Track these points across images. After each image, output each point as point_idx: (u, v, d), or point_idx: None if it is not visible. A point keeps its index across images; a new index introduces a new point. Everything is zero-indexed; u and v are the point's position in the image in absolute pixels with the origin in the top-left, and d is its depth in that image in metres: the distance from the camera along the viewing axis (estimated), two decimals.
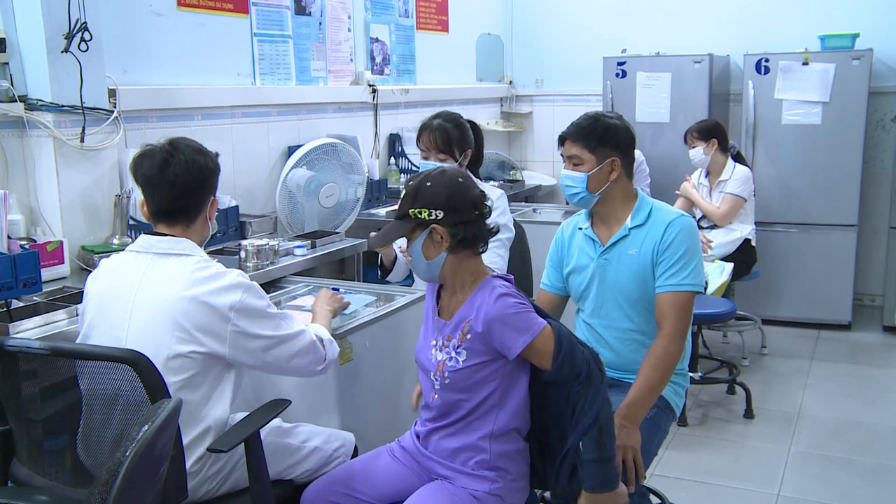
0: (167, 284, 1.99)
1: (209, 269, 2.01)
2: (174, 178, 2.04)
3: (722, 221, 4.68)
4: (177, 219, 2.09)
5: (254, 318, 2.02)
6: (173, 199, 2.07)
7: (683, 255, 2.36)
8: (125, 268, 2.08)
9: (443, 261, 2.01)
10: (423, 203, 1.98)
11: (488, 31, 6.31)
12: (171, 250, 2.05)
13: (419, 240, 2.00)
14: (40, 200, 2.99)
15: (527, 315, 1.95)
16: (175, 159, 2.05)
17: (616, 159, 2.44)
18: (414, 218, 1.99)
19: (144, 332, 1.97)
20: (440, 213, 1.97)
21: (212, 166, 2.12)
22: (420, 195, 1.99)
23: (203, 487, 2.04)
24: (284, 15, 4.22)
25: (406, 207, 2.01)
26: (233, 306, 1.98)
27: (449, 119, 3.06)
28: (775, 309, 5.40)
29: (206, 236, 2.19)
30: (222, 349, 1.99)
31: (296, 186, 3.71)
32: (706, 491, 3.31)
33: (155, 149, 2.08)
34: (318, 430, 2.31)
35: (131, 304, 2.01)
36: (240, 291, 2.00)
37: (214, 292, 1.97)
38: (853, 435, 3.80)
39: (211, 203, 2.15)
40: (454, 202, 1.98)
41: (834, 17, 5.47)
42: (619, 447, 2.15)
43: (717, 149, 4.69)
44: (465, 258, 2.02)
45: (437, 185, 1.98)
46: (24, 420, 2.00)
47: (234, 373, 2.08)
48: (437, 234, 1.98)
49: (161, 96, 3.49)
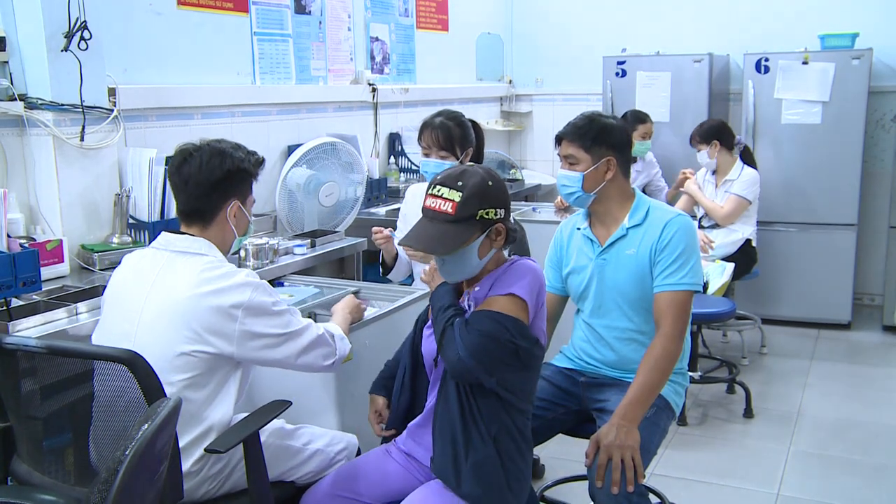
0: (178, 283, 2.00)
1: (219, 270, 2.02)
2: (187, 178, 2.06)
3: (724, 221, 4.68)
4: (193, 219, 2.11)
5: (261, 316, 2.01)
6: (187, 200, 2.10)
7: (681, 254, 2.36)
8: (144, 263, 2.11)
9: (487, 259, 2.00)
10: (491, 203, 1.95)
11: (488, 31, 6.31)
12: (188, 249, 2.06)
13: (477, 241, 1.96)
14: (40, 199, 2.98)
15: (523, 279, 1.96)
16: (192, 160, 2.06)
17: (612, 159, 2.44)
18: (481, 219, 1.95)
19: (153, 329, 1.99)
20: (503, 212, 1.98)
21: (230, 168, 2.07)
22: (487, 196, 1.95)
23: (203, 487, 2.04)
24: (284, 14, 4.21)
25: (474, 208, 1.94)
26: (240, 305, 1.98)
27: (451, 117, 3.06)
28: (775, 308, 5.40)
29: (229, 240, 2.16)
30: (230, 348, 1.99)
31: (295, 185, 3.71)
32: (706, 490, 3.31)
33: (181, 149, 2.11)
34: (321, 432, 2.31)
35: (144, 299, 2.03)
36: (248, 290, 2.00)
37: (222, 291, 1.97)
38: (853, 434, 3.80)
39: (232, 206, 2.11)
40: (506, 202, 2.00)
41: (834, 16, 5.47)
42: (618, 446, 2.16)
43: (721, 149, 4.69)
44: (499, 251, 2.05)
45: (495, 184, 1.98)
46: (24, 417, 2.00)
47: (239, 373, 2.09)
48: (496, 231, 1.98)
49: (161, 95, 3.49)
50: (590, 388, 2.53)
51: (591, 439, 2.24)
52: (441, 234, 1.94)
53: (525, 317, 1.94)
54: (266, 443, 2.10)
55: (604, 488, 2.14)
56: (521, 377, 1.98)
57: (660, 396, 2.37)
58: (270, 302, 2.04)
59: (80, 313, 2.49)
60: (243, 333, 1.99)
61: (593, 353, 2.54)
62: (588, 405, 2.52)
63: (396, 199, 4.66)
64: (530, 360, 1.97)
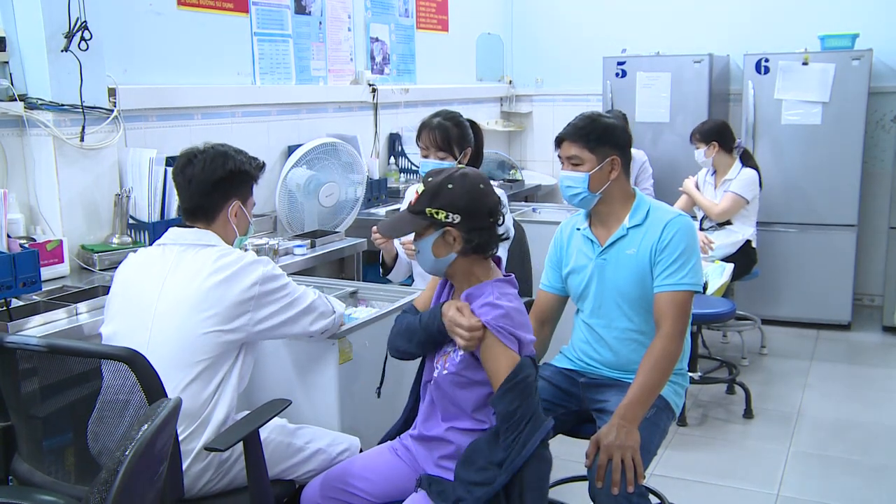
0: (194, 273, 2.08)
1: (231, 256, 2.12)
2: (191, 177, 2.17)
3: (719, 217, 4.68)
4: (196, 217, 2.21)
5: (275, 286, 2.12)
6: (189, 197, 2.20)
7: (681, 254, 2.36)
8: (152, 260, 2.17)
9: (451, 261, 2.00)
10: (442, 204, 1.95)
11: (488, 31, 6.31)
12: (198, 241, 2.16)
13: (431, 237, 1.99)
14: (40, 199, 2.99)
15: (503, 333, 1.92)
16: (196, 160, 2.17)
17: (616, 158, 2.43)
18: (430, 217, 1.97)
19: (172, 319, 2.04)
20: (457, 218, 1.95)
21: (232, 169, 2.18)
22: (440, 196, 1.96)
23: (202, 480, 2.05)
24: (284, 14, 4.22)
25: (423, 204, 1.97)
26: (256, 281, 2.08)
27: (449, 117, 3.06)
28: (775, 309, 5.40)
29: (230, 238, 2.25)
30: (247, 326, 2.07)
31: (295, 186, 3.71)
32: (706, 491, 3.31)
33: (186, 151, 2.22)
34: (323, 432, 2.31)
35: (158, 292, 2.08)
36: (260, 266, 2.11)
37: (238, 272, 2.08)
38: (853, 435, 3.80)
39: (233, 206, 2.21)
40: (473, 208, 1.96)
41: (834, 17, 5.47)
42: (618, 447, 2.16)
43: (720, 150, 4.69)
44: (475, 261, 2.02)
45: (459, 188, 1.96)
46: (24, 416, 2.00)
47: (238, 370, 2.10)
48: (451, 236, 1.97)
49: (161, 95, 3.49)
50: (590, 388, 2.52)
51: (591, 440, 2.24)
52: (398, 220, 2.06)
53: (513, 364, 1.90)
54: (267, 439, 2.11)
55: (604, 489, 2.14)
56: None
57: (660, 397, 2.36)
58: (278, 273, 2.16)
59: (80, 313, 2.50)
60: (260, 303, 2.09)
61: (593, 354, 2.54)
62: (588, 406, 2.52)
63: (396, 200, 4.66)
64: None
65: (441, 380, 2.03)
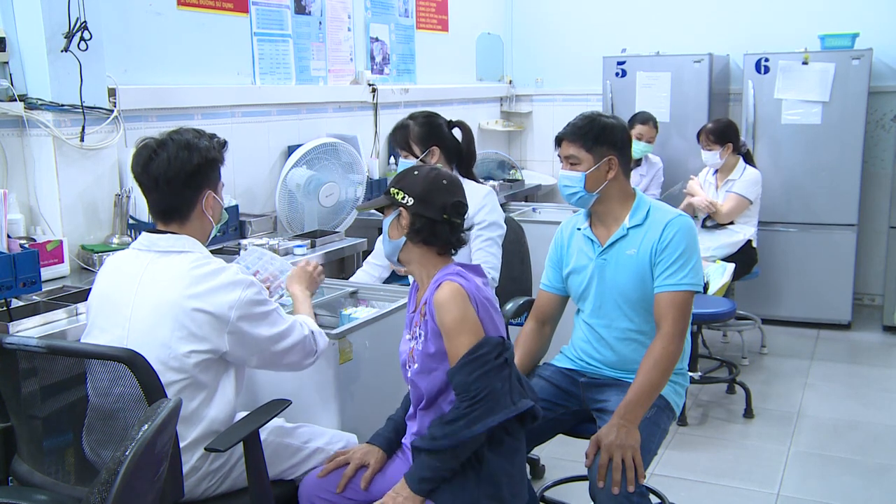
0: (168, 284, 1.99)
1: (208, 266, 2.01)
2: (157, 177, 2.02)
3: (724, 219, 4.68)
4: (170, 217, 2.08)
5: (253, 315, 2.01)
6: (160, 198, 2.06)
7: (682, 254, 2.36)
8: (127, 265, 2.07)
9: (401, 244, 2.09)
10: (402, 186, 2.10)
11: (488, 31, 6.31)
12: (172, 248, 2.04)
13: (390, 217, 2.12)
14: (40, 200, 2.99)
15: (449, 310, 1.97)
16: (158, 157, 2.01)
17: (613, 158, 2.44)
18: (390, 195, 2.11)
19: (146, 331, 1.97)
20: (411, 201, 2.07)
21: (198, 161, 2.04)
22: (404, 179, 2.12)
23: (202, 485, 2.04)
24: (284, 14, 4.22)
25: (390, 184, 2.13)
26: (232, 305, 1.98)
27: (414, 117, 3.10)
28: (775, 308, 5.40)
29: (208, 230, 2.15)
30: (223, 347, 1.99)
31: (295, 186, 3.71)
32: (706, 490, 3.31)
33: (143, 146, 2.06)
34: (320, 430, 2.31)
35: (132, 302, 2.01)
36: (239, 289, 1.99)
37: (214, 290, 1.97)
38: (853, 435, 3.80)
39: (206, 197, 2.09)
40: (426, 197, 2.07)
41: (834, 16, 5.47)
42: (619, 446, 2.16)
43: (732, 151, 4.70)
44: (430, 255, 2.10)
45: (422, 177, 2.10)
46: (24, 417, 2.00)
47: (234, 372, 2.08)
48: (403, 217, 2.08)
49: (161, 95, 3.49)
50: (590, 388, 2.52)
51: (591, 439, 2.24)
52: (373, 199, 2.23)
53: (476, 339, 1.95)
54: (266, 441, 2.10)
55: (604, 488, 2.14)
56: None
57: (660, 396, 2.37)
58: (262, 299, 2.05)
59: (80, 314, 2.49)
60: (235, 332, 1.99)
61: (593, 354, 2.54)
62: (588, 405, 2.52)
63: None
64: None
65: (415, 378, 2.08)
